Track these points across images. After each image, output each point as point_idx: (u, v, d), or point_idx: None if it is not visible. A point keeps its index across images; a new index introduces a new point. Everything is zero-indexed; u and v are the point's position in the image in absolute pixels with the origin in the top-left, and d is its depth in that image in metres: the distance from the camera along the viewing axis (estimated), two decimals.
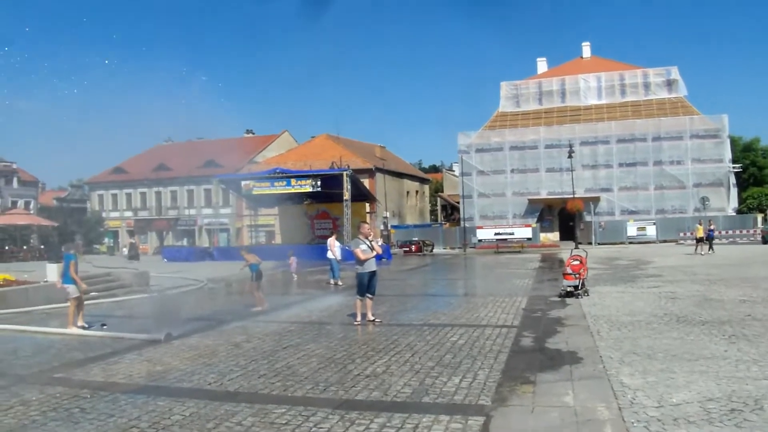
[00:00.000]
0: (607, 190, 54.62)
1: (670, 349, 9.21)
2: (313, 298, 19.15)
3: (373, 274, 13.02)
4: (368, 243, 12.97)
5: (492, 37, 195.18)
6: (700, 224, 34.67)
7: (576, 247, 20.14)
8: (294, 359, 9.53)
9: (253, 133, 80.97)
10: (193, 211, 72.26)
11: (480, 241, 52.11)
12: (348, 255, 23.32)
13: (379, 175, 63.47)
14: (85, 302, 18.39)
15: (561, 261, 31.43)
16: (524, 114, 60.17)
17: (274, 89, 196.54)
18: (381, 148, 72.77)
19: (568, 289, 16.17)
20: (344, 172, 43.59)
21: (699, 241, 33.97)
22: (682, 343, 9.71)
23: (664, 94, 57.74)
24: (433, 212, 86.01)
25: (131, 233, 71.71)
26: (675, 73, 58.07)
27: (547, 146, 55.77)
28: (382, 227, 56.57)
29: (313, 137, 73.20)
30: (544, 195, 55.84)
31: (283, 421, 6.46)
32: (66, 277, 13.85)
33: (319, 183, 43.51)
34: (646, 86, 58.56)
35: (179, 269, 32.38)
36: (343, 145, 65.84)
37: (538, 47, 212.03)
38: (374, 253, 13.03)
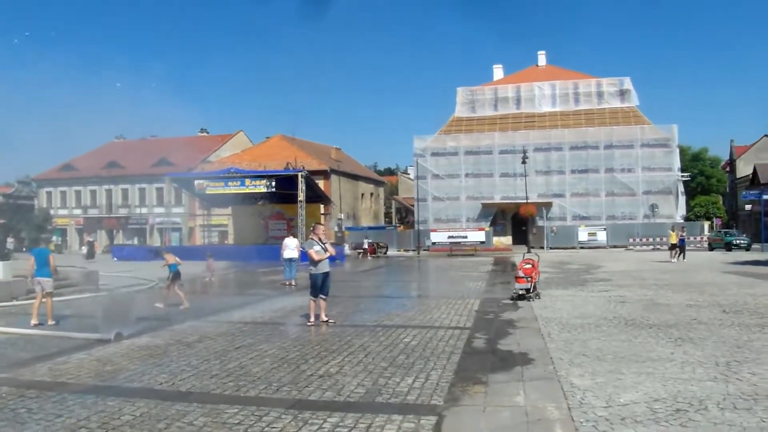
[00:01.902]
0: (560, 195, 55.49)
1: (618, 351, 9.40)
2: (266, 298, 19.00)
3: (326, 275, 13.00)
4: (322, 244, 12.96)
5: (449, 43, 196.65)
6: (673, 230, 34.46)
7: (528, 251, 20.40)
8: (247, 359, 9.46)
9: (208, 133, 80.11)
10: (144, 210, 71.10)
11: (434, 243, 52.51)
12: (303, 256, 23.20)
13: (334, 177, 63.37)
14: (32, 302, 18.08)
15: (513, 264, 31.75)
16: (480, 119, 60.73)
17: (230, 89, 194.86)
18: (336, 150, 72.64)
19: (520, 292, 16.33)
20: (299, 173, 43.41)
21: (673, 247, 33.49)
22: (630, 345, 9.91)
23: (616, 104, 58.89)
24: (387, 215, 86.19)
25: (80, 231, 70.39)
26: (627, 83, 59.28)
27: (502, 152, 56.41)
28: (336, 228, 56.47)
29: (268, 138, 72.82)
30: (497, 199, 56.45)
31: (236, 421, 6.40)
32: (43, 270, 13.77)
33: (273, 184, 43.20)
34: (600, 95, 59.64)
35: (130, 268, 31.84)
36: (298, 146, 65.59)
37: (494, 54, 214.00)
38: (328, 254, 13.03)
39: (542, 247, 49.41)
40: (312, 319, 12.84)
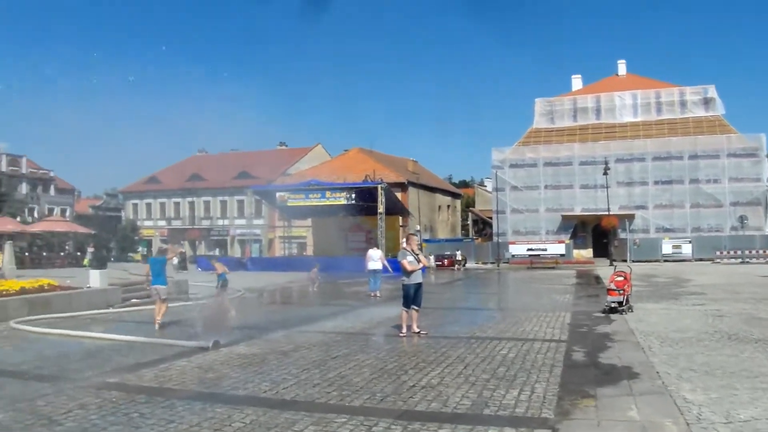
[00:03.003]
0: (642, 207, 54.09)
1: (726, 366, 9.08)
2: (353, 309, 19.16)
3: (419, 286, 13.02)
4: (414, 255, 12.98)
5: (527, 54, 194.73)
6: None
7: (611, 264, 19.94)
8: (345, 369, 9.51)
9: (286, 146, 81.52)
10: (225, 222, 72.78)
11: (513, 256, 52.04)
12: (387, 267, 23.34)
13: (411, 189, 63.50)
14: (127, 309, 18.83)
15: (597, 277, 31.21)
16: (558, 130, 59.85)
17: (305, 102, 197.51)
18: (413, 162, 72.82)
19: (612, 305, 16.00)
20: (379, 186, 43.66)
21: None
22: (737, 360, 9.57)
23: (700, 113, 57.09)
24: (464, 227, 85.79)
25: (164, 242, 72.54)
26: (712, 91, 57.47)
27: (582, 163, 55.42)
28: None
29: (345, 150, 73.53)
30: (578, 211, 55.39)
31: (346, 431, 6.43)
32: (159, 278, 14.84)
33: (353, 196, 43.61)
34: (683, 104, 57.97)
35: (214, 279, 32.52)
36: (375, 158, 66.04)
37: (572, 64, 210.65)
38: (421, 265, 13.04)
39: (624, 260, 48.22)
40: (404, 330, 12.85)
